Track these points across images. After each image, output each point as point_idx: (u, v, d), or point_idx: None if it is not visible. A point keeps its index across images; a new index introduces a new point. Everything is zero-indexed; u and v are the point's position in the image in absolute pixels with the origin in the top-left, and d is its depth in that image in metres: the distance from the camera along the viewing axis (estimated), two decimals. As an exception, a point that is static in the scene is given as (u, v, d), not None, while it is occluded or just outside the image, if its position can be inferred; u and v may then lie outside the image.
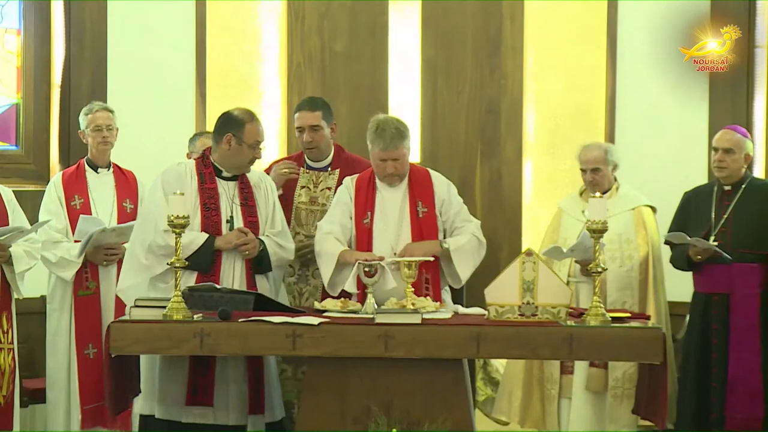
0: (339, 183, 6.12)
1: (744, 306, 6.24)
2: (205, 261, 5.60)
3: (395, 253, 5.66)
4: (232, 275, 5.66)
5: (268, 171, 6.30)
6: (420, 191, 5.83)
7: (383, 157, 5.75)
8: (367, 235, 5.78)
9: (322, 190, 6.17)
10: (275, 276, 5.85)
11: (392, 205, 5.83)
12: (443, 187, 5.90)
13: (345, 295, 5.65)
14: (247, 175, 5.85)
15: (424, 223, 5.79)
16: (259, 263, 5.71)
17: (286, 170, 6.21)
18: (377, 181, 5.83)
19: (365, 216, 5.80)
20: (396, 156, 5.75)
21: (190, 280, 5.56)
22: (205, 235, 5.63)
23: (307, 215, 6.15)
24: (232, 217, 5.74)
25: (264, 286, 5.70)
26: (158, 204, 5.65)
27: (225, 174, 5.80)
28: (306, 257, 6.09)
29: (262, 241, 5.72)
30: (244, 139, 5.72)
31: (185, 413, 5.56)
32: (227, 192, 5.79)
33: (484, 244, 5.88)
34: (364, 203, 5.82)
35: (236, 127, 5.74)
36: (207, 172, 5.78)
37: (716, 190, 6.48)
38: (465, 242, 5.77)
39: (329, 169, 6.30)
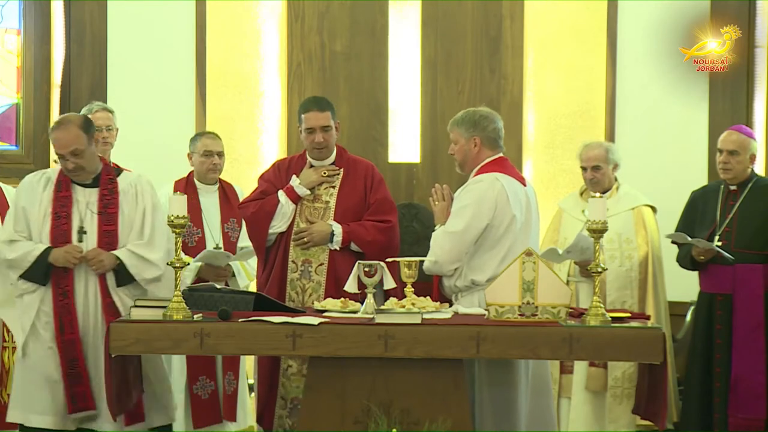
0: (343, 182, 6.11)
1: (747, 306, 6.24)
2: (38, 273, 5.50)
3: None
4: (85, 289, 5.54)
5: (279, 168, 6.26)
6: None
7: None
8: None
9: (326, 188, 6.14)
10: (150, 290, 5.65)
11: None
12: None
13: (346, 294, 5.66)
14: (119, 179, 5.68)
15: None
16: (117, 276, 5.57)
17: (326, 174, 6.15)
18: None
19: None
20: (452, 138, 5.83)
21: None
22: (43, 247, 5.50)
23: (311, 212, 6.12)
24: (82, 227, 5.58)
25: (127, 302, 5.51)
26: (9, 214, 5.66)
27: (84, 181, 5.62)
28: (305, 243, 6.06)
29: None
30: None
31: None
32: (85, 199, 5.61)
33: (431, 248, 5.75)
34: None
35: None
36: (64, 180, 5.61)
37: (722, 190, 6.47)
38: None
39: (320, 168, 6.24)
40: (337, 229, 5.99)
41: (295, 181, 6.06)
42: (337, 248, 5.98)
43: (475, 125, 5.76)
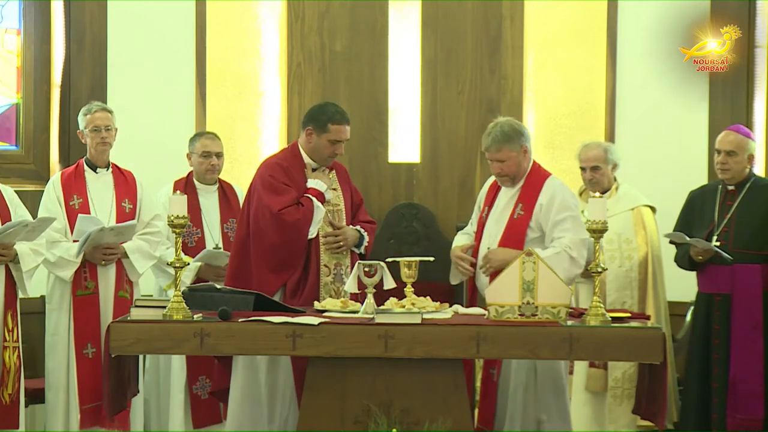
0: (339, 184, 6.10)
1: (746, 307, 6.24)
2: None
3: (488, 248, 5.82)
4: None
5: (271, 166, 6.17)
6: (525, 194, 5.84)
7: (488, 157, 5.89)
8: (480, 230, 5.93)
9: (327, 190, 6.12)
10: None
11: (502, 204, 5.90)
12: (548, 194, 5.81)
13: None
14: None
15: (514, 226, 5.81)
16: None
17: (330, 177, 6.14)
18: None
19: (483, 211, 5.99)
20: (500, 158, 5.81)
21: None
22: None
23: (326, 215, 6.07)
24: None
25: None
26: None
27: None
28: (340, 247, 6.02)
29: None
30: None
31: None
32: None
33: (577, 260, 5.65)
34: (486, 199, 6.01)
35: None
36: None
37: (720, 190, 6.46)
38: (549, 255, 5.59)
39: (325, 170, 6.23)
40: (364, 232, 6.03)
41: (321, 186, 6.00)
42: (363, 251, 6.00)
43: (521, 135, 5.86)
